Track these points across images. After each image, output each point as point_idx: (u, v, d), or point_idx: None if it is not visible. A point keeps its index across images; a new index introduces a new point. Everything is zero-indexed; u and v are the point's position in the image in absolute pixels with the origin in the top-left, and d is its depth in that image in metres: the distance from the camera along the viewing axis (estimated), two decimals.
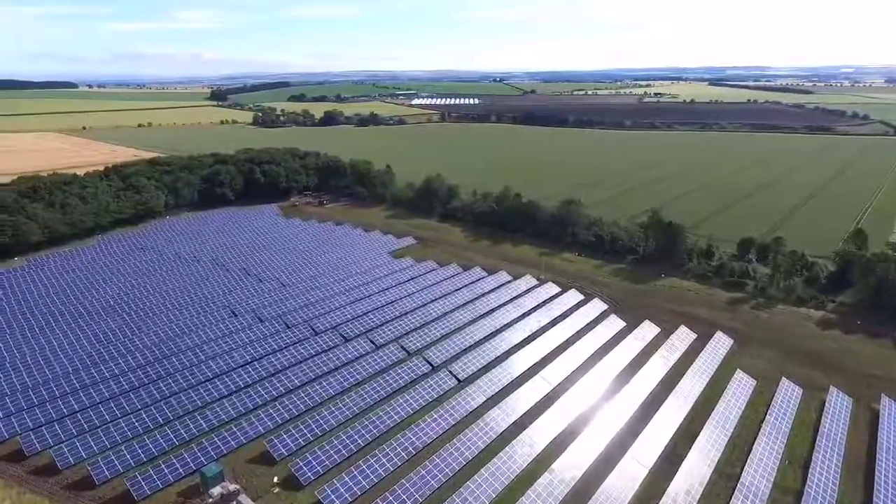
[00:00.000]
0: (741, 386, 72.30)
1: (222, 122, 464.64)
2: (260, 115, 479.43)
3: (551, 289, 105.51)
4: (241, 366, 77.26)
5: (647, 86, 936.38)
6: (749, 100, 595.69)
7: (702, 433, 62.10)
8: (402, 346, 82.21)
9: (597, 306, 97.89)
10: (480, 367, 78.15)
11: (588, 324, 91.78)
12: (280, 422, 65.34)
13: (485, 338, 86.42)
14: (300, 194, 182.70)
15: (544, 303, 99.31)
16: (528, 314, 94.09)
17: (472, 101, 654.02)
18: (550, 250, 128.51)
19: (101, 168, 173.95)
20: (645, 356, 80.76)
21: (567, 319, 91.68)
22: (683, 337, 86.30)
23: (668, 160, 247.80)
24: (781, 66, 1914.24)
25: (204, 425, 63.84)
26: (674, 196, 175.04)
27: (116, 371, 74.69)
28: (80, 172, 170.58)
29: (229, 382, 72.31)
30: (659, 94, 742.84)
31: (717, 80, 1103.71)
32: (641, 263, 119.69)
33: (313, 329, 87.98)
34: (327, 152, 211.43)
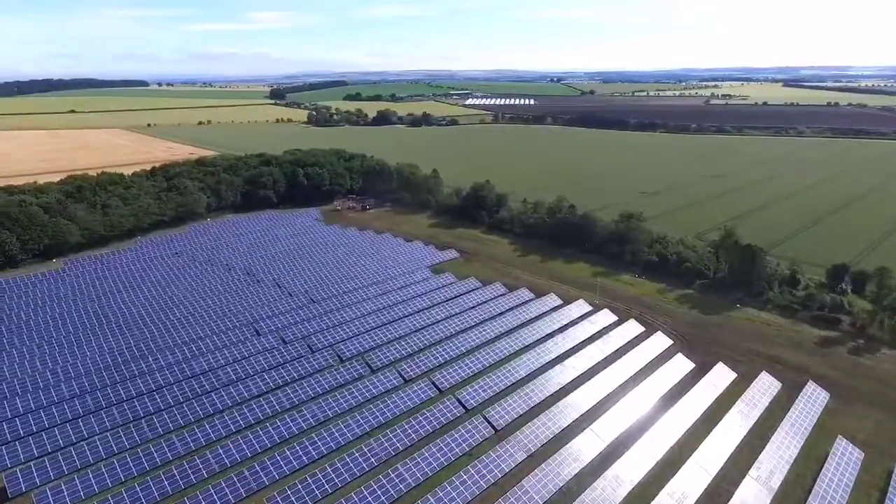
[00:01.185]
0: (845, 460, 58.64)
1: (277, 121, 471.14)
2: (314, 113, 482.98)
3: (607, 317, 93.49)
4: (256, 397, 70.12)
5: (714, 87, 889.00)
6: (829, 102, 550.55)
7: None
8: (433, 383, 72.86)
9: (660, 341, 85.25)
10: (521, 412, 67.73)
11: (649, 363, 79.46)
12: (288, 472, 57.29)
13: (528, 375, 75.85)
14: (344, 198, 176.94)
15: (599, 334, 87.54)
16: (580, 348, 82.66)
17: (527, 101, 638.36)
18: (607, 270, 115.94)
19: (150, 167, 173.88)
20: (719, 410, 67.99)
21: (625, 357, 79.67)
22: (766, 386, 72.73)
23: (740, 168, 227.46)
24: (865, 65, 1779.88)
25: (203, 471, 56.57)
26: (747, 210, 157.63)
27: (119, 397, 68.95)
28: (136, 169, 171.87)
29: (238, 418, 65.07)
30: (727, 95, 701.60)
31: (792, 80, 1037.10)
32: (712, 289, 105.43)
33: (339, 355, 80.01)
34: (373, 155, 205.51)
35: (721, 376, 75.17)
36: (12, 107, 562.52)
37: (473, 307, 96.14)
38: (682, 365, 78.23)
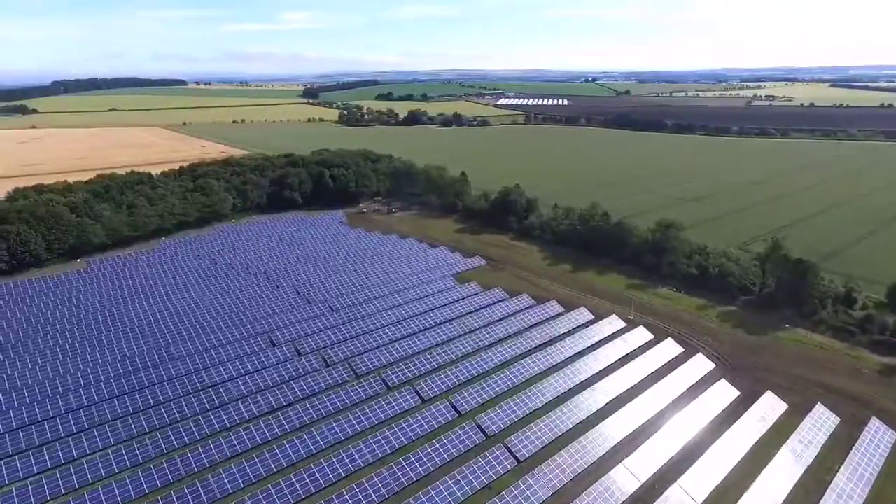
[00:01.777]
0: None
1: (309, 120, 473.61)
2: (345, 113, 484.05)
3: (642, 335, 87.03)
4: (266, 414, 66.62)
5: (757, 87, 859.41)
6: (883, 104, 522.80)
7: None
8: (452, 404, 68.06)
9: (700, 364, 78.48)
10: (547, 442, 62.33)
11: (689, 389, 72.93)
12: (293, 501, 53.32)
13: (556, 399, 70.33)
14: (370, 200, 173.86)
15: (633, 355, 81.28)
16: (612, 370, 76.64)
17: (560, 101, 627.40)
18: (642, 282, 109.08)
19: (178, 167, 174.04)
20: (770, 446, 61.28)
21: (662, 381, 73.33)
22: (822, 421, 65.51)
23: (786, 173, 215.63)
24: None
25: (203, 497, 53.08)
26: (795, 218, 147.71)
27: (126, 409, 66.30)
28: (169, 168, 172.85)
29: (246, 438, 61.52)
30: (771, 96, 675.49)
31: (841, 80, 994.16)
32: (757, 307, 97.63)
33: (354, 370, 75.99)
34: (401, 155, 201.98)
35: (770, 407, 68.20)
36: (57, 105, 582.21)
37: (498, 320, 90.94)
38: (725, 392, 71.47)
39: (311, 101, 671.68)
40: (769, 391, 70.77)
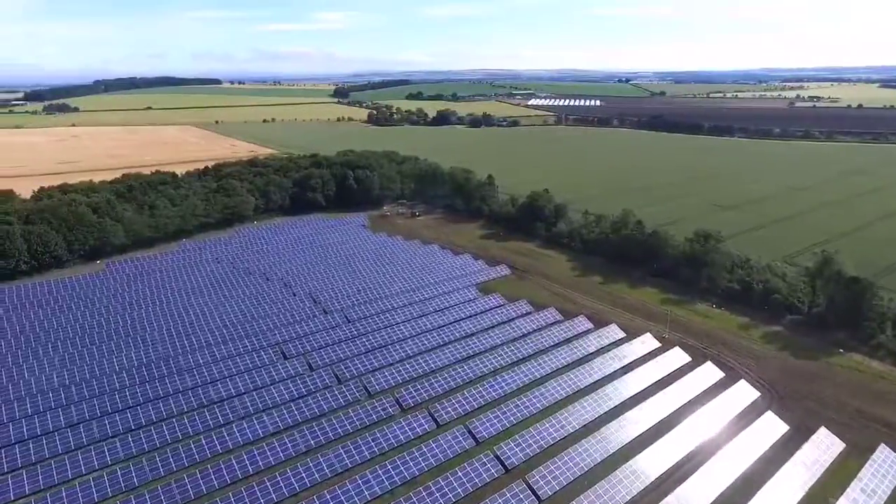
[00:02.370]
0: None
1: (339, 119, 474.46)
2: (374, 112, 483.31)
3: (678, 357, 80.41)
4: (272, 435, 62.84)
5: (800, 87, 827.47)
6: None
7: None
8: (469, 431, 63.05)
9: (744, 392, 71.59)
10: (573, 478, 56.75)
11: (732, 421, 66.26)
12: None
13: (583, 429, 64.67)
14: (394, 203, 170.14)
15: (669, 379, 74.88)
16: (646, 396, 70.41)
17: (593, 102, 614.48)
18: (678, 297, 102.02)
19: (206, 166, 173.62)
20: (825, 491, 54.48)
21: (701, 411, 66.87)
22: (888, 465, 58.18)
23: (833, 179, 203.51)
24: None
25: None
26: (846, 230, 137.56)
27: (127, 425, 63.42)
28: (199, 166, 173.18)
29: (247, 462, 57.70)
30: (815, 97, 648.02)
31: (891, 81, 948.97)
32: (806, 328, 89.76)
33: (367, 389, 71.70)
34: (428, 156, 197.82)
35: (825, 447, 61.10)
36: (97, 104, 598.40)
37: (522, 336, 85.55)
38: (773, 426, 64.60)
39: (341, 100, 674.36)
40: (823, 427, 63.63)
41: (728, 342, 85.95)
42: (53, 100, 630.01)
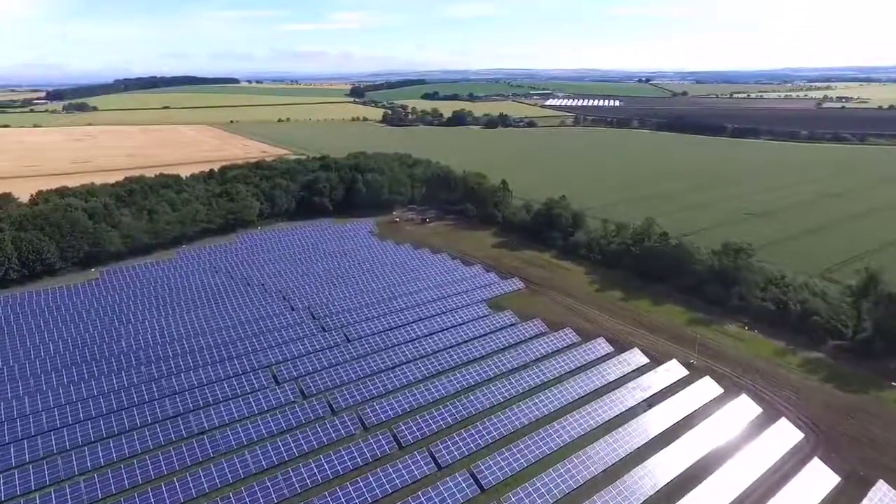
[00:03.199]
0: None
1: (353, 119, 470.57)
2: (389, 112, 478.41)
3: (708, 388, 72.53)
4: (256, 474, 56.59)
5: (827, 87, 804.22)
6: None
7: None
8: (473, 476, 56.02)
9: (786, 433, 63.54)
10: None
11: (773, 470, 58.40)
12: None
13: (603, 475, 57.31)
14: (403, 207, 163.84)
15: (698, 414, 67.12)
16: (672, 436, 62.78)
17: (612, 102, 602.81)
18: (706, 316, 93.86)
19: (218, 167, 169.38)
20: None
21: (736, 456, 59.01)
22: None
23: (868, 185, 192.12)
24: None
25: None
26: (886, 241, 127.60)
27: (96, 461, 57.58)
28: (212, 167, 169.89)
29: None
30: (844, 98, 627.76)
31: None
32: (852, 355, 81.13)
33: (363, 421, 65.14)
34: (441, 158, 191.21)
35: None
36: (116, 103, 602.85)
37: (536, 361, 78.38)
38: (821, 478, 56.54)
39: (357, 100, 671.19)
40: (881, 480, 55.52)
41: (763, 370, 77.73)
42: (74, 99, 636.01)
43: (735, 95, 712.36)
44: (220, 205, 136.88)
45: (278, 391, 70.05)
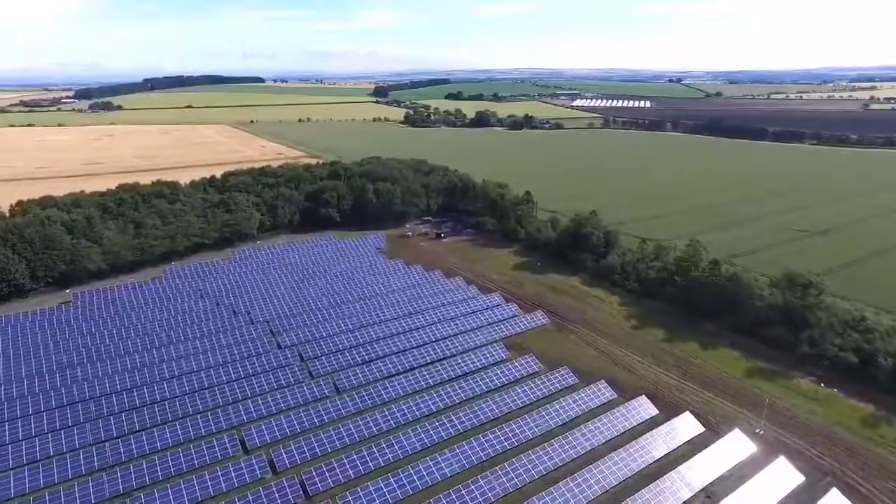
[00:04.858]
0: None
1: (374, 119, 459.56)
2: (411, 113, 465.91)
3: (786, 474, 57.01)
4: None
5: (871, 87, 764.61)
6: None
7: None
8: None
9: None
10: None
11: None
12: None
13: None
14: (418, 220, 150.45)
15: None
16: None
17: (642, 103, 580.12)
18: (769, 365, 77.97)
19: (222, 171, 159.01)
20: None
21: None
22: None
23: None
24: None
25: None
26: None
27: None
28: (228, 169, 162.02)
29: None
30: (892, 98, 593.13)
31: None
32: None
33: None
34: (460, 165, 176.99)
35: None
36: (141, 102, 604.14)
37: (564, 428, 63.79)
38: None
39: (379, 100, 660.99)
40: None
41: (853, 448, 61.75)
42: (100, 98, 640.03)
43: (773, 96, 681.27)
44: (216, 216, 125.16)
45: (244, 465, 56.81)
